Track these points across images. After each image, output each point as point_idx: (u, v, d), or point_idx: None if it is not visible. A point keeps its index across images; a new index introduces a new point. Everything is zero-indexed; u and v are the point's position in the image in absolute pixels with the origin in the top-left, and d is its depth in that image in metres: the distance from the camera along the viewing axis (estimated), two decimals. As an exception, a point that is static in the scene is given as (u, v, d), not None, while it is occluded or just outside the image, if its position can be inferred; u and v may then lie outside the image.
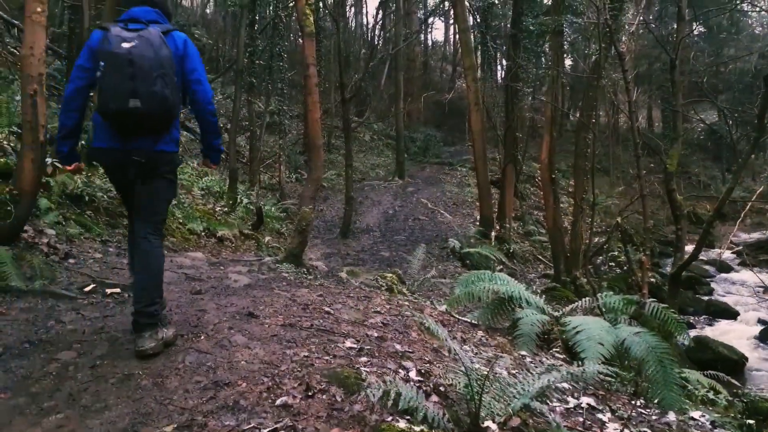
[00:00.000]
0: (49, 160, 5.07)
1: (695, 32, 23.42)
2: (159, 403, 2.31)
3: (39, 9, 4.00)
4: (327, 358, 2.84)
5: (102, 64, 2.67)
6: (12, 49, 10.26)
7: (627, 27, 13.85)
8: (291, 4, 15.67)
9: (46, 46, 4.12)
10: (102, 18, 8.14)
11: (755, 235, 19.33)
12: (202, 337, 3.02)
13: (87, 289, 3.89)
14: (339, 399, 2.39)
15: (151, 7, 2.96)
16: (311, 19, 6.57)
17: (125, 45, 2.67)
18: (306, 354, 2.85)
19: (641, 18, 12.65)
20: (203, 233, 7.85)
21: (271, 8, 17.97)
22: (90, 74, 2.78)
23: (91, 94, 2.87)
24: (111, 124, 2.77)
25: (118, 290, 3.93)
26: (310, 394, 2.40)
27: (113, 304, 3.68)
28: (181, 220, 7.58)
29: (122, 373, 2.57)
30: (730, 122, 20.52)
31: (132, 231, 3.06)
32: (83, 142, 4.16)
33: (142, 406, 2.29)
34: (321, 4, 18.60)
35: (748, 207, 11.12)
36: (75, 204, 5.78)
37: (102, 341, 2.96)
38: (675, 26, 14.53)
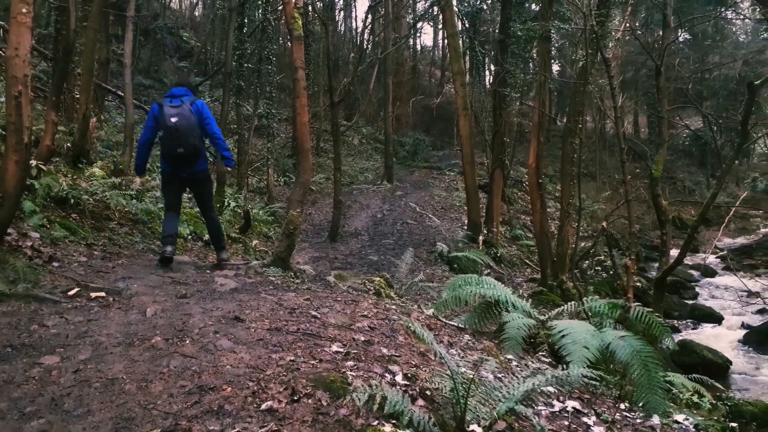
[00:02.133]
0: (33, 162, 5.02)
1: (680, 39, 23.69)
2: (143, 408, 2.29)
3: (24, 10, 3.97)
4: (313, 362, 2.83)
5: (161, 132, 5.02)
6: (-3, 50, 10.13)
7: (613, 33, 14.01)
8: (280, 8, 15.66)
9: (31, 47, 4.08)
10: (89, 19, 8.09)
11: (739, 240, 19.59)
12: (187, 342, 3.01)
13: (71, 292, 3.85)
14: (325, 403, 2.39)
15: (183, 87, 5.29)
16: (300, 22, 6.56)
17: (173, 119, 4.97)
18: (292, 358, 2.84)
19: (627, 25, 12.78)
20: (190, 237, 7.80)
21: (259, 11, 17.96)
22: (153, 132, 5.13)
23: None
24: (168, 160, 5.16)
25: (102, 294, 3.89)
26: (295, 398, 2.39)
27: (97, 308, 3.64)
28: (167, 224, 7.52)
29: (106, 378, 2.55)
30: (715, 128, 20.77)
31: (172, 215, 5.36)
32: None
33: (125, 410, 2.27)
34: (310, 8, 18.60)
35: (732, 212, 11.26)
36: (60, 207, 5.72)
37: (86, 345, 2.93)
38: (660, 33, 14.71)
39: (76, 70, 9.06)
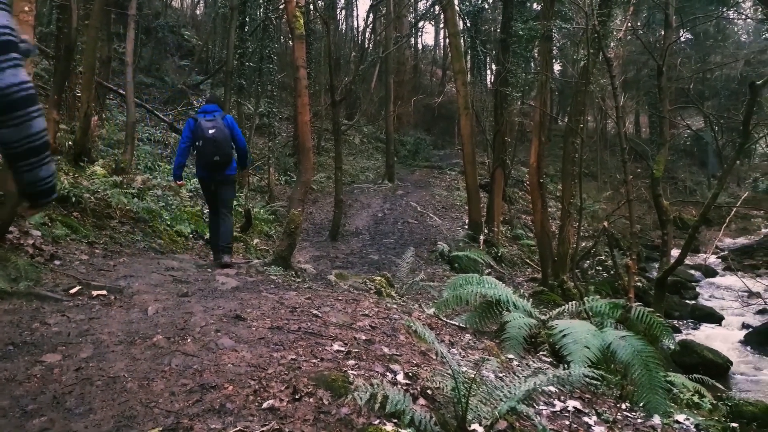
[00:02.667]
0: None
1: (682, 39, 23.68)
2: (144, 406, 2.30)
3: (27, 8, 3.97)
4: (314, 361, 2.83)
5: (200, 142, 5.56)
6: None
7: (615, 33, 13.99)
8: (281, 6, 15.65)
9: (33, 45, 4.09)
10: (90, 18, 8.09)
11: (740, 240, 19.58)
12: (189, 340, 3.01)
13: (72, 291, 3.85)
14: (326, 402, 2.39)
15: (214, 104, 5.89)
16: (301, 21, 6.57)
17: (210, 131, 5.55)
18: (293, 357, 2.85)
19: (629, 24, 12.77)
20: (191, 235, 7.81)
21: (261, 10, 17.95)
22: (191, 142, 5.67)
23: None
24: (204, 166, 5.70)
25: (104, 292, 3.90)
26: (297, 397, 2.40)
27: (99, 306, 3.65)
28: (168, 222, 7.54)
29: (107, 376, 2.55)
30: (716, 128, 20.74)
31: (215, 214, 5.90)
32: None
33: (127, 409, 2.28)
34: (311, 7, 18.58)
35: (733, 212, 11.25)
36: (61, 205, 5.73)
37: (87, 344, 2.93)
38: (662, 33, 14.70)
39: (77, 68, 9.08)
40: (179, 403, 2.32)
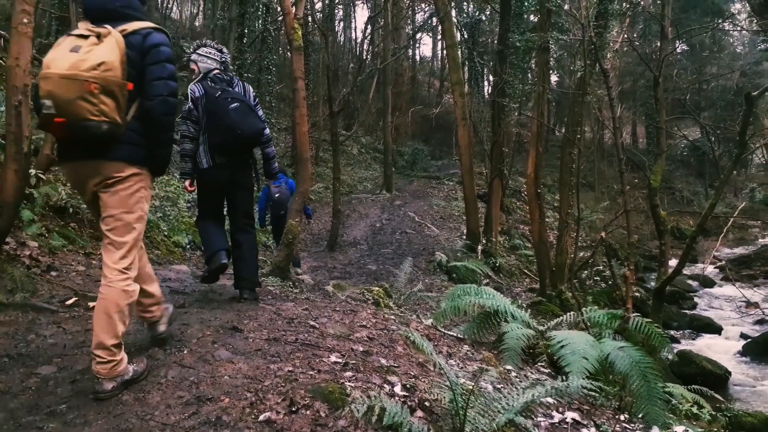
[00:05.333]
0: (32, 171, 5.02)
1: (678, 50, 23.86)
2: (140, 419, 2.28)
3: (26, 20, 3.98)
4: (311, 372, 2.82)
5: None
6: (-3, 60, 10.15)
7: (611, 44, 14.09)
8: (280, 18, 15.74)
9: (32, 56, 4.10)
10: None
11: (737, 251, 19.60)
12: (185, 352, 2.99)
13: (69, 302, 3.83)
14: (323, 414, 2.38)
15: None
16: (300, 33, 6.60)
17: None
18: (290, 369, 2.83)
19: (625, 36, 12.86)
20: (188, 246, 7.80)
21: (259, 22, 18.06)
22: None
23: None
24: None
25: (100, 303, 3.88)
26: (293, 409, 2.38)
27: (95, 317, 3.63)
28: (166, 233, 7.53)
29: (103, 388, 2.53)
30: (713, 139, 20.87)
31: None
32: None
33: (122, 421, 2.26)
34: (310, 19, 18.69)
35: (730, 223, 11.27)
36: (59, 216, 5.72)
37: (83, 356, 2.92)
38: (658, 44, 14.79)
39: (76, 79, 9.08)
40: (175, 416, 2.30)
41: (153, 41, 2.63)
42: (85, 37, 2.45)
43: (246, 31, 15.64)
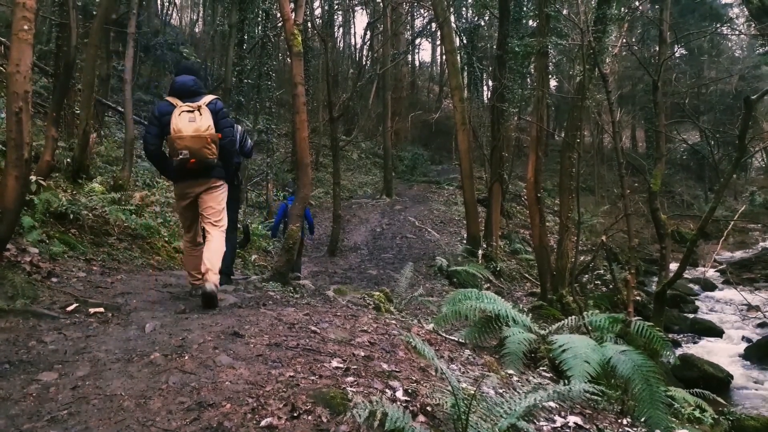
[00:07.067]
0: (33, 177, 5.03)
1: (677, 55, 23.90)
2: (141, 425, 2.27)
3: (26, 27, 3.99)
4: (313, 378, 2.81)
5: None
6: (-2, 67, 10.19)
7: (610, 49, 14.12)
8: (279, 24, 15.78)
9: (32, 63, 4.11)
10: (90, 36, 8.15)
11: (738, 254, 19.60)
12: (186, 357, 2.99)
13: (69, 308, 3.83)
14: (325, 420, 2.37)
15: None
16: (299, 39, 6.61)
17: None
18: (291, 374, 2.82)
19: (624, 40, 12.89)
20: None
21: (259, 28, 18.10)
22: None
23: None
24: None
25: (101, 309, 3.87)
26: (295, 415, 2.38)
27: (96, 323, 3.63)
28: (166, 239, 7.52)
29: (104, 394, 2.53)
30: (712, 142, 20.88)
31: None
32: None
33: (124, 427, 2.25)
34: (309, 24, 18.75)
35: (730, 226, 11.27)
36: (59, 222, 5.72)
37: (84, 362, 2.91)
38: (657, 49, 14.83)
39: (76, 86, 9.12)
40: (176, 422, 2.29)
41: (219, 106, 4.35)
42: (191, 111, 4.18)
43: (246, 37, 15.66)
